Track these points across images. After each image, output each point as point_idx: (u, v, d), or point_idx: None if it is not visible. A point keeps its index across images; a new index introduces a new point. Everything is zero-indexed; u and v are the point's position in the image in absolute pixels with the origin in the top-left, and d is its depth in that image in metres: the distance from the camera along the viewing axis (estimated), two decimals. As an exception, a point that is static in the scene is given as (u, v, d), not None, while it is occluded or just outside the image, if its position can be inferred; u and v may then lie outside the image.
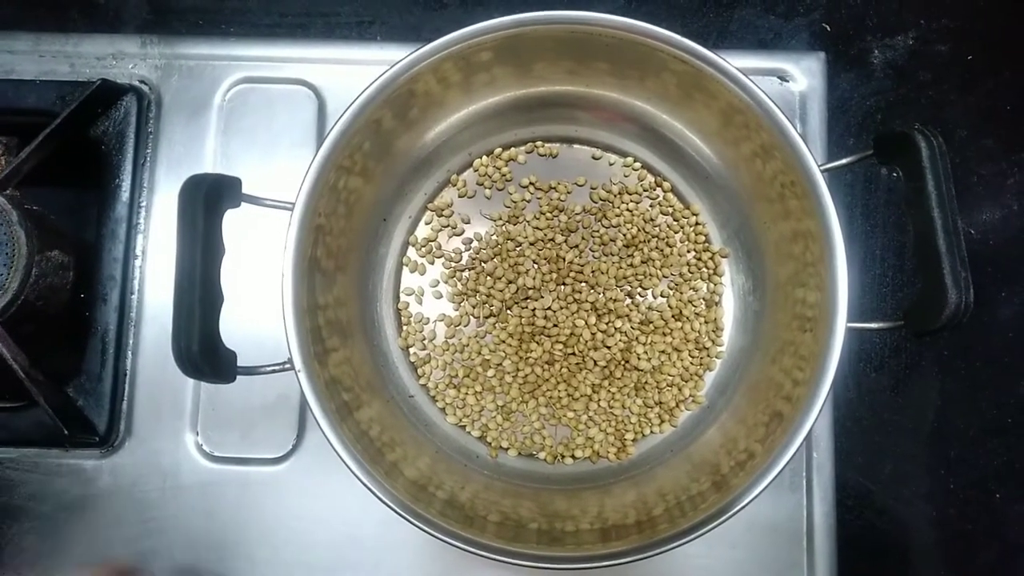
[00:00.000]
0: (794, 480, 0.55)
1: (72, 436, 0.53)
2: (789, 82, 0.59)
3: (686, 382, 0.55)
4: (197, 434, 0.55)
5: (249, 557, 0.54)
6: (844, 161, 0.47)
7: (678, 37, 0.45)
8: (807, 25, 0.63)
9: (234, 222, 0.45)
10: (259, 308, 0.54)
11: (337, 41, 0.61)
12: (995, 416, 0.59)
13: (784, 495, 0.55)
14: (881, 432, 0.59)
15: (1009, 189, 0.61)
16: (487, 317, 0.56)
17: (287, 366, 0.44)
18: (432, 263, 0.57)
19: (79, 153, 0.57)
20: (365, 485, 0.43)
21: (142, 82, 0.59)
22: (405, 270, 0.57)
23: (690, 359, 0.56)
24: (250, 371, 0.44)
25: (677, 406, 0.55)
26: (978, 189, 0.61)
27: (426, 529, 0.42)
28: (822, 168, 0.44)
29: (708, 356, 0.56)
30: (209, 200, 0.42)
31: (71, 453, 0.55)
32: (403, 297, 0.57)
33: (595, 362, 0.55)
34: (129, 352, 0.56)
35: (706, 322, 0.56)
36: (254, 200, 0.45)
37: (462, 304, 0.57)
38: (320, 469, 0.55)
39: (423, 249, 0.57)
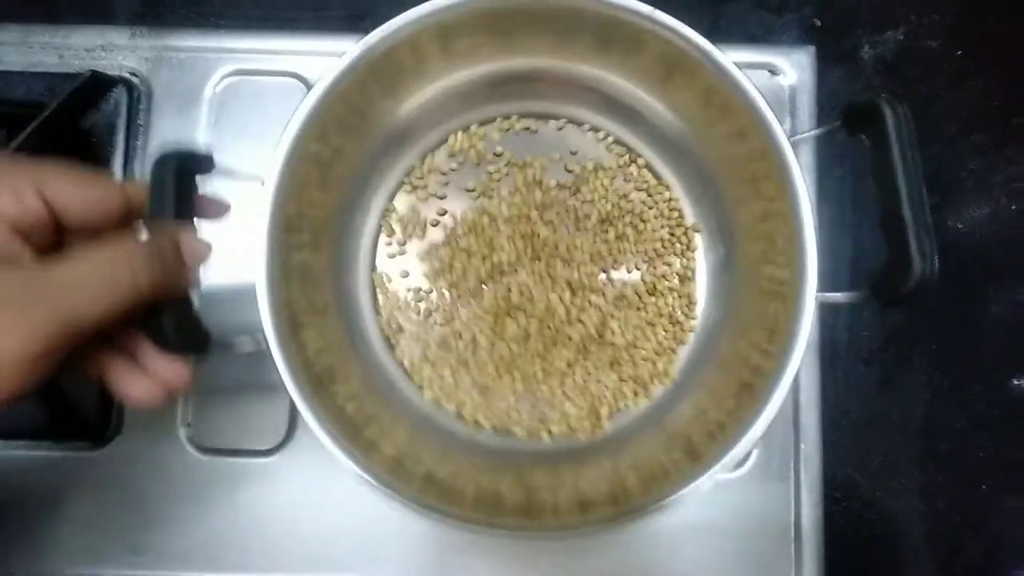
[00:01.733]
0: (782, 471, 0.55)
1: (63, 428, 0.53)
2: (779, 75, 0.59)
3: (660, 356, 0.56)
4: (188, 426, 0.55)
5: (242, 549, 0.54)
6: (812, 132, 0.47)
7: (652, 10, 0.46)
8: (798, 21, 0.63)
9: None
10: (236, 285, 0.54)
11: (328, 34, 0.60)
12: (984, 410, 0.60)
13: (772, 485, 0.55)
14: (870, 425, 0.59)
15: (998, 184, 0.62)
16: (462, 294, 0.56)
17: (260, 339, 0.44)
18: (407, 240, 0.57)
19: (69, 145, 0.57)
20: (341, 460, 0.43)
21: (132, 74, 0.58)
22: (380, 246, 0.57)
23: (664, 334, 0.56)
24: (225, 348, 0.44)
25: (651, 380, 0.56)
26: (967, 184, 0.61)
27: (408, 503, 0.43)
28: (791, 139, 0.45)
29: (682, 330, 0.56)
30: (180, 174, 0.42)
31: (61, 446, 0.55)
32: (378, 272, 0.57)
33: (569, 337, 0.55)
34: (119, 344, 0.56)
35: (680, 296, 0.56)
36: (228, 173, 0.45)
37: (437, 280, 0.56)
38: (312, 460, 0.55)
39: (397, 225, 0.57)
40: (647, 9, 0.46)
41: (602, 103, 0.57)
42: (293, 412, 0.56)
